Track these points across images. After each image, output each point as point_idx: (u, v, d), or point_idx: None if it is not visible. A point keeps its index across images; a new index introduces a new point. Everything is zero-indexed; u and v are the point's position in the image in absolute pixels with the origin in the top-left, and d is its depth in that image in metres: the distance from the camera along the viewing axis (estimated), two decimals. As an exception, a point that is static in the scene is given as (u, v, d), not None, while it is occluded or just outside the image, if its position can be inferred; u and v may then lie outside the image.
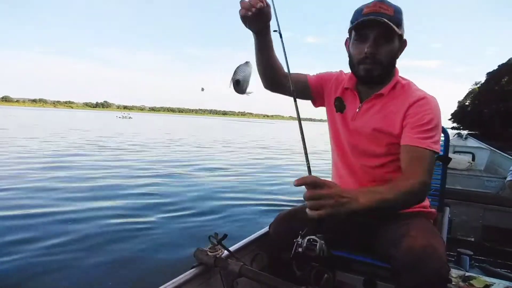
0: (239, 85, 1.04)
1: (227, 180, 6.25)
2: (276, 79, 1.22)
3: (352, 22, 1.13)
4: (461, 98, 65.31)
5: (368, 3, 1.11)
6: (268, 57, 1.16)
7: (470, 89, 59.96)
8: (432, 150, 1.05)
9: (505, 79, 45.64)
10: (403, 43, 1.17)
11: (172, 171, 6.83)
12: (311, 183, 0.89)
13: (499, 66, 48.79)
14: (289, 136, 26.15)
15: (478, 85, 56.73)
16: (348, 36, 1.22)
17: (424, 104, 1.10)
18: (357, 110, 1.22)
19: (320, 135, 25.36)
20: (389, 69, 1.16)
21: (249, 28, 1.06)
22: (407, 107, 1.11)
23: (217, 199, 4.75)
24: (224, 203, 4.52)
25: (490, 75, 50.56)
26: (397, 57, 1.16)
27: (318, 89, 1.33)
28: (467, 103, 58.98)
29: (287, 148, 14.32)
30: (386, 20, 1.04)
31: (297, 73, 1.29)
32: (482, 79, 54.68)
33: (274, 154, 11.71)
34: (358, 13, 1.12)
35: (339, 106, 1.27)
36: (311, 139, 21.36)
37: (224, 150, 12.29)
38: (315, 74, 1.35)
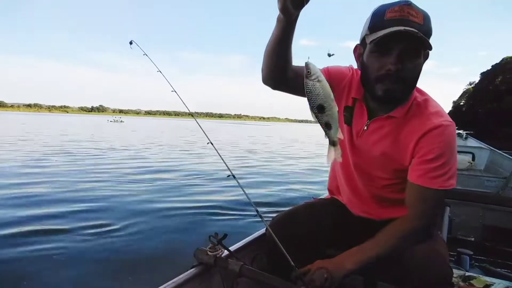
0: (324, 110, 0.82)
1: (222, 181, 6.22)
2: (285, 73, 1.00)
3: (371, 28, 0.93)
4: (455, 98, 65.99)
5: (393, 5, 0.90)
6: (287, 47, 0.94)
7: (465, 89, 60.52)
8: (443, 189, 0.94)
9: (499, 79, 46.16)
10: (427, 55, 0.97)
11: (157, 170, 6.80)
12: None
13: (492, 66, 49.35)
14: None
15: (472, 85, 57.28)
16: (359, 43, 1.02)
17: (438, 134, 0.94)
18: (365, 127, 1.06)
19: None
20: (412, 89, 0.98)
21: (286, 11, 0.81)
22: (420, 136, 0.96)
23: (215, 199, 4.74)
24: (223, 203, 4.51)
25: (484, 75, 51.11)
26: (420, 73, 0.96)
27: None
28: (461, 103, 59.46)
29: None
30: (421, 35, 0.85)
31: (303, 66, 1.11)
32: (476, 79, 55.32)
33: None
34: (379, 17, 0.91)
35: (348, 117, 1.10)
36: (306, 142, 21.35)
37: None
38: (324, 68, 1.12)
